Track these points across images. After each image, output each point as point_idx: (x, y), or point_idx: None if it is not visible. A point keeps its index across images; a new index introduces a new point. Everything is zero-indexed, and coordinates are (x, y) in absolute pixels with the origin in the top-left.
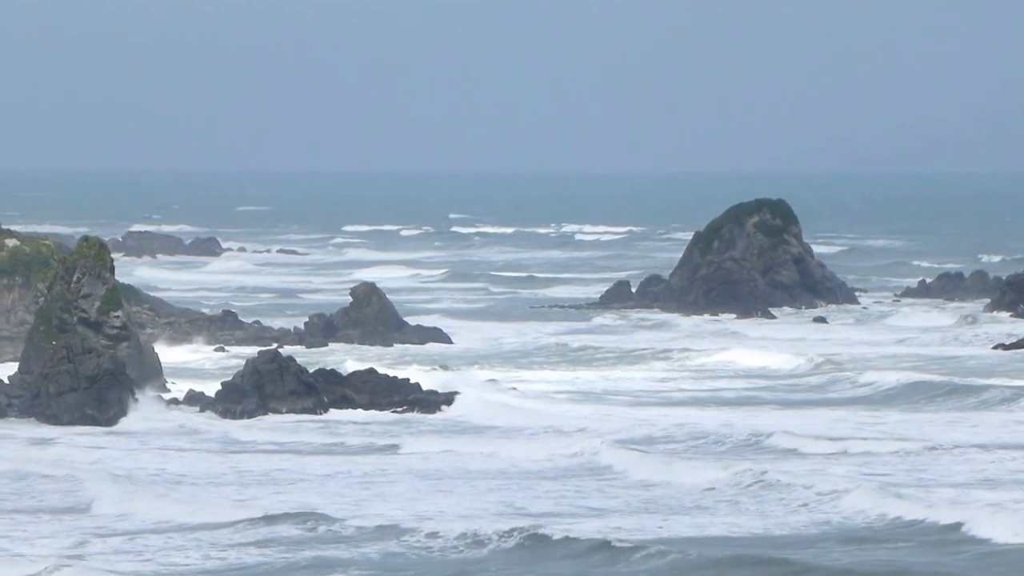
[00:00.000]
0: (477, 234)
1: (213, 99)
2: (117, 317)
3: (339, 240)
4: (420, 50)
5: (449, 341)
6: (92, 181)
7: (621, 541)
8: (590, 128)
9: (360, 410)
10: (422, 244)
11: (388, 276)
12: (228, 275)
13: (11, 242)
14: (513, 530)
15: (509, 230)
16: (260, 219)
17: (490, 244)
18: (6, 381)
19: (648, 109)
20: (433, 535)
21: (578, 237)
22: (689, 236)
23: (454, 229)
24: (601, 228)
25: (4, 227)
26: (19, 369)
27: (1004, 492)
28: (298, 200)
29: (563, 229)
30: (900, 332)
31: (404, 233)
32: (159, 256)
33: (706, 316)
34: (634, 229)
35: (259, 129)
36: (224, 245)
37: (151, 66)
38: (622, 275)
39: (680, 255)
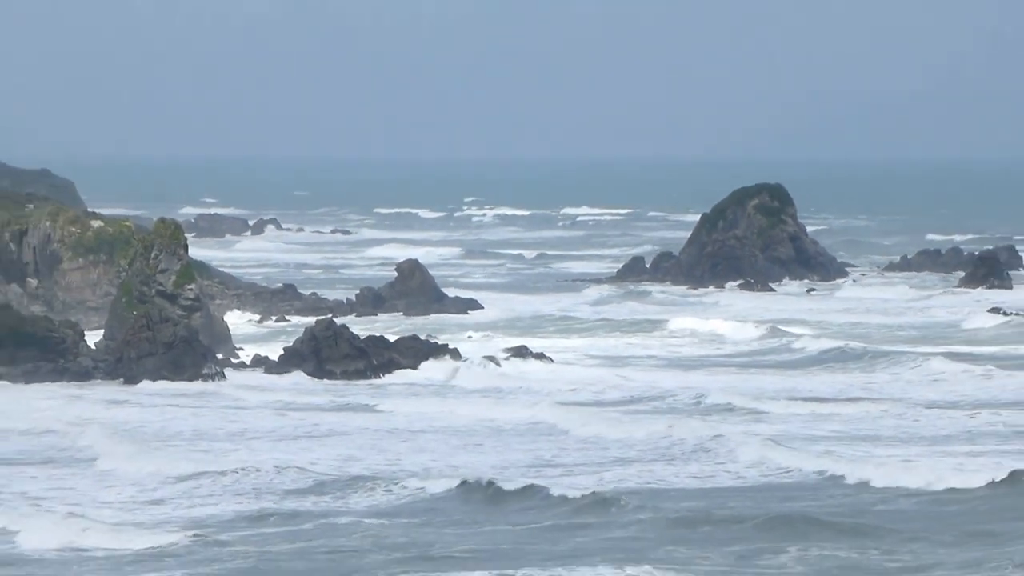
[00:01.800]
0: (491, 217)
1: (287, 93)
2: (190, 290)
3: (372, 220)
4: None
5: (481, 307)
6: (179, 166)
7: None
8: (590, 116)
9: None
10: (439, 225)
11: (407, 255)
12: (284, 253)
13: (96, 223)
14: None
15: (519, 212)
16: (312, 202)
17: (490, 223)
18: (93, 347)
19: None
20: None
21: (580, 218)
22: (676, 217)
23: (467, 211)
24: (598, 210)
25: (90, 210)
26: (104, 336)
27: (887, 446)
28: (346, 183)
29: (563, 211)
30: (869, 303)
31: (424, 215)
32: (227, 236)
33: (711, 288)
34: (629, 211)
35: (311, 119)
36: (284, 226)
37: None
38: (615, 252)
39: (671, 234)
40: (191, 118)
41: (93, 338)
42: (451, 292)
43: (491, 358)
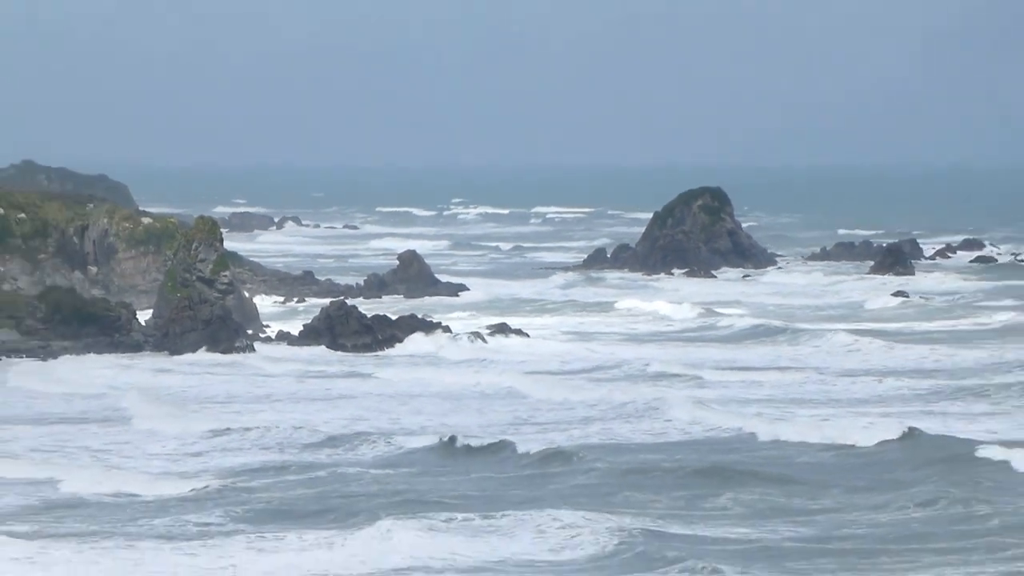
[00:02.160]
0: (473, 215)
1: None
2: (225, 276)
3: (375, 218)
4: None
5: (468, 290)
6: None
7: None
8: (558, 127)
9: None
10: (430, 222)
11: (405, 246)
12: (302, 245)
13: (146, 220)
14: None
15: (498, 210)
16: (326, 202)
17: (472, 220)
18: (143, 324)
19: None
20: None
21: (549, 216)
22: (631, 215)
23: (454, 210)
24: (564, 208)
25: (141, 209)
26: (152, 315)
27: (808, 407)
28: (352, 187)
29: (534, 210)
30: (782, 285)
31: (417, 213)
32: (255, 231)
33: (662, 275)
34: (591, 209)
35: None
36: (303, 222)
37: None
38: (580, 244)
39: (627, 229)
40: (222, 130)
41: (143, 316)
42: (443, 278)
43: (477, 334)
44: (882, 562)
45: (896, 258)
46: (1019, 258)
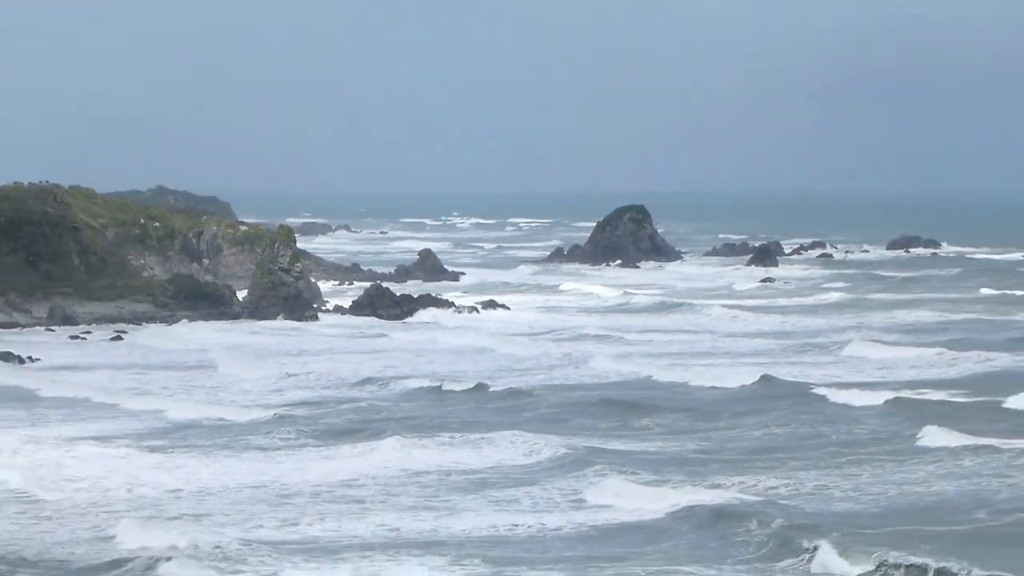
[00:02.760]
0: (467, 224)
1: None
2: (297, 266)
3: (399, 226)
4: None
5: (464, 275)
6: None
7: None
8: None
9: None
10: (436, 228)
11: (421, 246)
12: (350, 245)
13: (243, 227)
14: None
15: (485, 220)
16: (365, 215)
17: (467, 228)
18: (240, 299)
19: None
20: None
21: (521, 225)
22: (579, 224)
23: (453, 220)
24: (533, 219)
25: (239, 220)
26: (247, 293)
27: (703, 359)
28: (383, 204)
29: (510, 220)
30: (684, 275)
31: (428, 223)
32: (318, 235)
33: (602, 266)
34: (551, 220)
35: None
36: (352, 229)
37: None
38: (556, 241)
39: (577, 235)
40: (295, 161)
41: (241, 295)
42: (448, 268)
43: (472, 307)
44: (757, 466)
45: (764, 254)
46: (848, 254)
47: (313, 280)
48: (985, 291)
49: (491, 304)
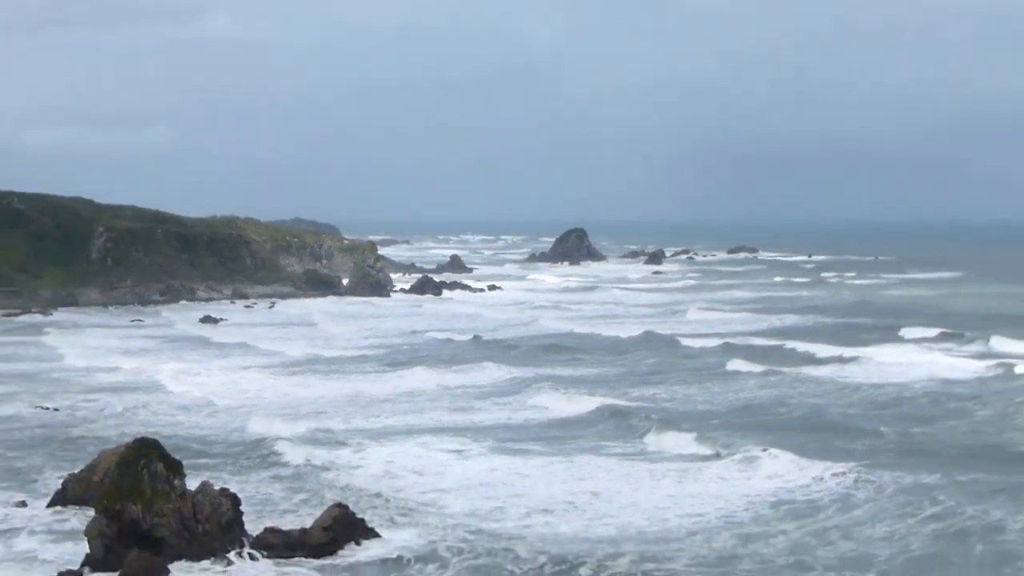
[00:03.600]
0: (476, 239)
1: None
2: (379, 264)
3: (433, 241)
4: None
5: (476, 268)
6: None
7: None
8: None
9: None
10: (455, 242)
11: (451, 252)
12: (405, 252)
13: (346, 241)
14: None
15: (487, 237)
16: (415, 235)
17: (476, 242)
18: (344, 284)
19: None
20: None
21: (506, 238)
22: (544, 239)
23: (466, 237)
24: (514, 236)
25: (344, 236)
26: (348, 282)
27: (613, 320)
28: (430, 227)
29: (502, 237)
30: (604, 269)
31: (452, 238)
32: (388, 247)
33: (557, 265)
34: (526, 236)
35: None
36: (411, 242)
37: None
38: (529, 250)
39: (544, 246)
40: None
41: (344, 281)
42: (467, 265)
43: (480, 289)
44: (642, 383)
45: (654, 257)
46: (703, 257)
47: (387, 273)
48: (778, 279)
49: (492, 287)
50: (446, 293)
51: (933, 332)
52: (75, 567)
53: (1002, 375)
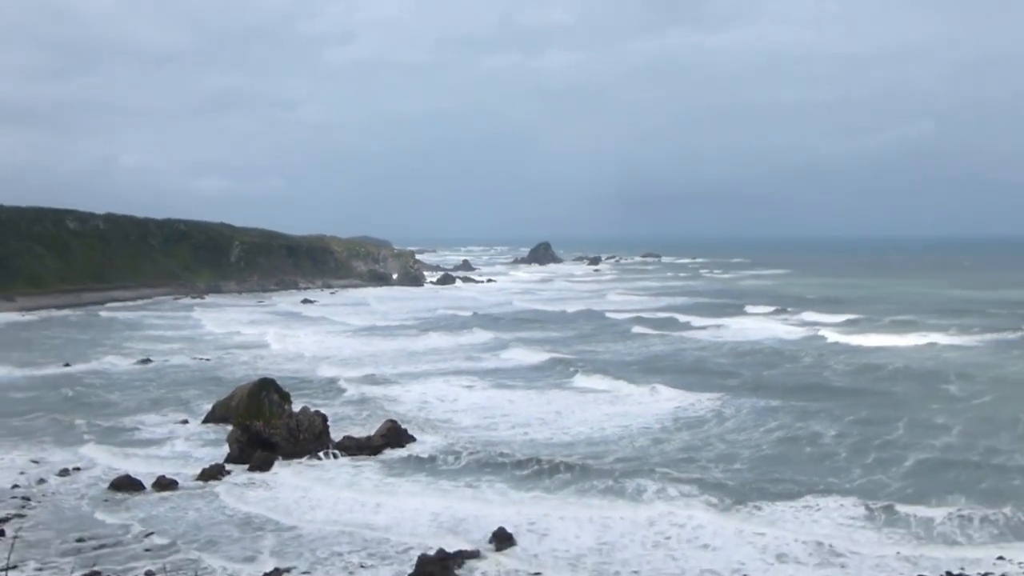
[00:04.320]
0: (478, 249)
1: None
2: (417, 265)
3: (452, 251)
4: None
5: (478, 268)
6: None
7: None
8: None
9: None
10: (464, 251)
11: (461, 259)
12: (432, 257)
13: (395, 250)
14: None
15: (485, 247)
16: (433, 247)
17: (478, 251)
18: (394, 277)
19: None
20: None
21: (499, 248)
22: (523, 249)
23: (471, 248)
24: (503, 247)
25: (396, 247)
26: (396, 276)
27: (565, 300)
28: (447, 242)
29: (495, 247)
30: (561, 268)
31: (460, 249)
32: (422, 254)
33: (531, 265)
34: (509, 246)
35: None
36: (437, 251)
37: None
38: (513, 256)
39: (523, 253)
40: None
41: (394, 276)
42: (473, 266)
43: (482, 281)
44: (579, 342)
45: (594, 260)
46: (624, 261)
47: (421, 271)
48: (669, 274)
49: (490, 280)
50: (459, 284)
51: (769, 309)
52: (219, 462)
53: (812, 336)
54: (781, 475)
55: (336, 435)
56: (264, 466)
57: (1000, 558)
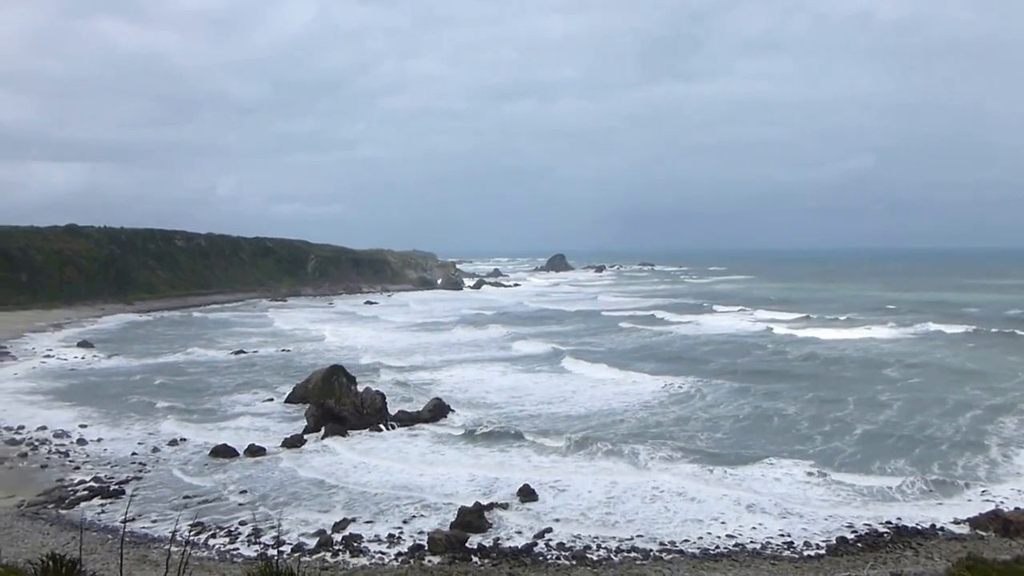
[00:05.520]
0: (504, 260)
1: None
2: (457, 272)
3: (484, 262)
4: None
5: (508, 275)
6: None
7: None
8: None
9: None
10: (494, 262)
11: (492, 268)
12: (471, 267)
13: (439, 260)
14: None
15: (508, 258)
16: (473, 258)
17: (504, 261)
18: (438, 283)
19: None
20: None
21: (518, 259)
22: (542, 259)
23: (498, 259)
24: (525, 258)
25: (439, 258)
26: (440, 281)
27: (572, 300)
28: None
29: (517, 259)
30: (572, 275)
31: (490, 260)
32: (460, 264)
33: (549, 272)
34: (529, 258)
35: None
36: (474, 261)
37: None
38: (534, 266)
39: (541, 260)
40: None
41: (438, 281)
42: (503, 272)
43: (509, 285)
44: (583, 335)
45: (600, 268)
46: (624, 269)
47: (462, 279)
48: (655, 279)
49: (516, 284)
50: (491, 288)
51: (734, 308)
52: (298, 433)
53: (766, 330)
54: (753, 442)
55: (392, 409)
56: (336, 436)
57: (932, 508)
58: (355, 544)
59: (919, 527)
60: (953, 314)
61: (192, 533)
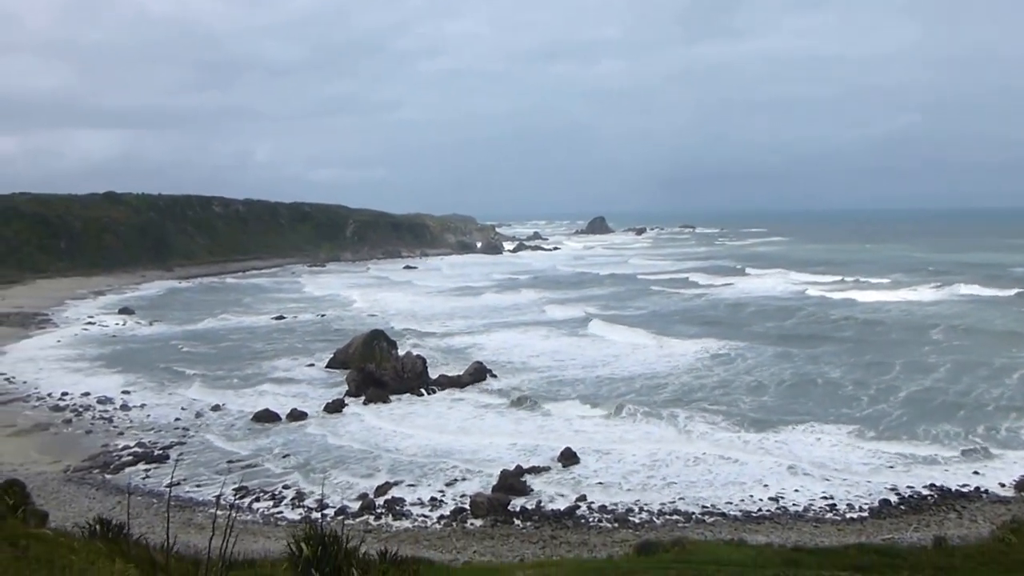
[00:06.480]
0: (543, 223)
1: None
2: (496, 236)
3: (521, 224)
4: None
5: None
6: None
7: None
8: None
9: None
10: (533, 225)
11: (530, 232)
12: (511, 230)
13: (479, 224)
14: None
15: (548, 221)
16: (506, 220)
17: (543, 224)
18: (478, 246)
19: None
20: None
21: (560, 221)
22: (580, 222)
23: (537, 221)
24: (564, 221)
25: (479, 221)
26: (480, 245)
27: (597, 266)
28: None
29: (556, 221)
30: (612, 238)
31: (526, 222)
32: (501, 226)
33: (588, 235)
34: (568, 221)
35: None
36: (512, 224)
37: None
38: (574, 228)
39: (581, 223)
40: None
41: (478, 245)
42: (543, 235)
43: (549, 248)
44: (613, 301)
45: (640, 231)
46: (664, 230)
47: (502, 243)
48: (693, 241)
49: (554, 248)
50: (529, 252)
51: (771, 271)
52: (340, 398)
53: (800, 292)
54: (798, 406)
55: (433, 374)
56: (377, 400)
57: (975, 473)
58: (397, 507)
59: (963, 490)
60: (1001, 276)
61: (236, 497)
